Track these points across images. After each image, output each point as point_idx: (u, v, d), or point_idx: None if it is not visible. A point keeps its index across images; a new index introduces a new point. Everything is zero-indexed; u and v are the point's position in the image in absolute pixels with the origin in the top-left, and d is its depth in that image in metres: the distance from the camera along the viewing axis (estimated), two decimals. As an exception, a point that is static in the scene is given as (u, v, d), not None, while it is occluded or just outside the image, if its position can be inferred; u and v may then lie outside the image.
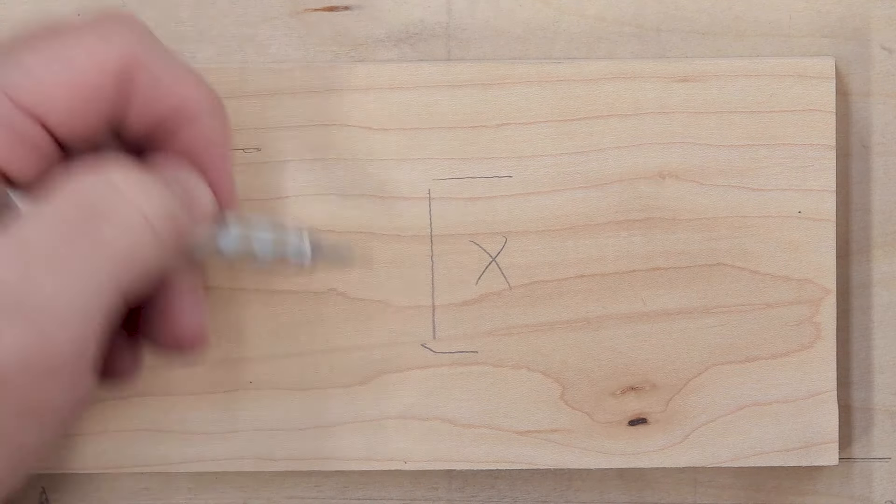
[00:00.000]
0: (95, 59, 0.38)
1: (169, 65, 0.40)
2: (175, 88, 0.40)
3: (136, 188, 0.38)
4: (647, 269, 0.47)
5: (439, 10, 0.48)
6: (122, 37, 0.39)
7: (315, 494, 0.49)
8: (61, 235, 0.37)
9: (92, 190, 0.38)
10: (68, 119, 0.38)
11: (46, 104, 0.38)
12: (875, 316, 0.48)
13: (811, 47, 0.48)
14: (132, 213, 0.38)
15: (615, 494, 0.49)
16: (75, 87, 0.38)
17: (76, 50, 0.38)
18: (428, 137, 0.46)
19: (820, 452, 0.47)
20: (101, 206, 0.37)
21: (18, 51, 0.38)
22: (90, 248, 0.37)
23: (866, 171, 0.48)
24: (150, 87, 0.39)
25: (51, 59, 0.38)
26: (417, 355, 0.47)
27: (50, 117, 0.38)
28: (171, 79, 0.40)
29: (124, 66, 0.39)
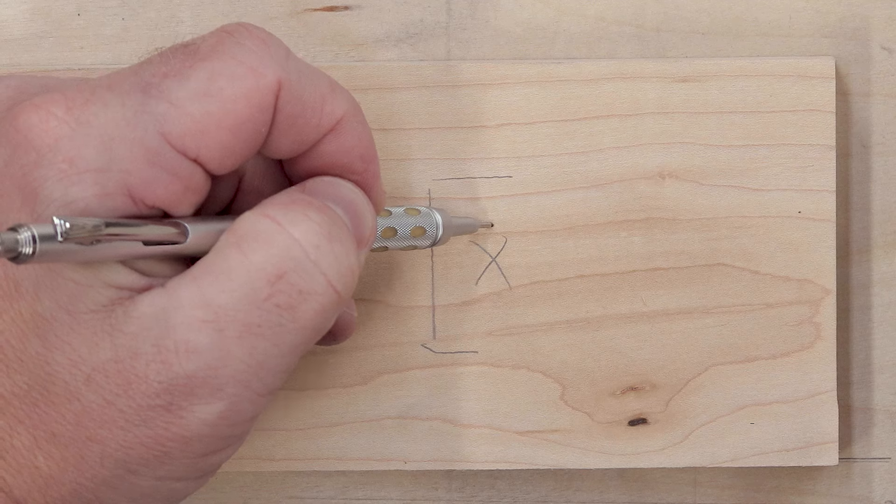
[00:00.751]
0: (246, 91, 0.37)
1: (309, 81, 0.38)
2: (318, 105, 0.38)
3: (325, 252, 0.37)
4: (647, 269, 0.47)
5: (439, 10, 0.48)
6: (268, 62, 0.37)
7: (315, 494, 0.49)
8: (253, 304, 0.36)
9: (283, 255, 0.36)
10: (220, 154, 0.37)
11: (202, 142, 0.36)
12: (875, 316, 0.48)
13: (811, 47, 0.48)
14: (322, 283, 0.37)
15: (615, 494, 0.49)
16: (228, 122, 0.36)
17: (227, 83, 0.36)
18: (428, 137, 0.46)
19: (820, 452, 0.47)
20: (294, 277, 0.36)
21: (166, 83, 0.36)
22: (282, 322, 0.37)
23: (866, 171, 0.48)
24: (295, 107, 0.38)
25: (201, 94, 0.36)
26: (417, 355, 0.47)
27: (203, 154, 0.37)
28: (314, 95, 0.38)
29: (274, 94, 0.37)
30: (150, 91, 0.36)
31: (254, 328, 0.36)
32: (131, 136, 0.36)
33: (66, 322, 0.36)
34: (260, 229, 0.37)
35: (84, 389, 0.36)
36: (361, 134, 0.40)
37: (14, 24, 0.48)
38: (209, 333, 0.36)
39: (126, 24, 0.48)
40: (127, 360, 0.36)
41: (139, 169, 0.36)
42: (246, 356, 0.36)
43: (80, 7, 0.48)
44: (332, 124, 0.39)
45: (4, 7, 0.48)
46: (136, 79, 0.37)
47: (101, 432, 0.36)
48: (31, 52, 0.48)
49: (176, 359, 0.36)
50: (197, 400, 0.36)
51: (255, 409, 0.38)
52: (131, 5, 0.47)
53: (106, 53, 0.48)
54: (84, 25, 0.48)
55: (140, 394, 0.36)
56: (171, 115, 0.36)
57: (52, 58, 0.47)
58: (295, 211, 0.37)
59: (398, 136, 0.46)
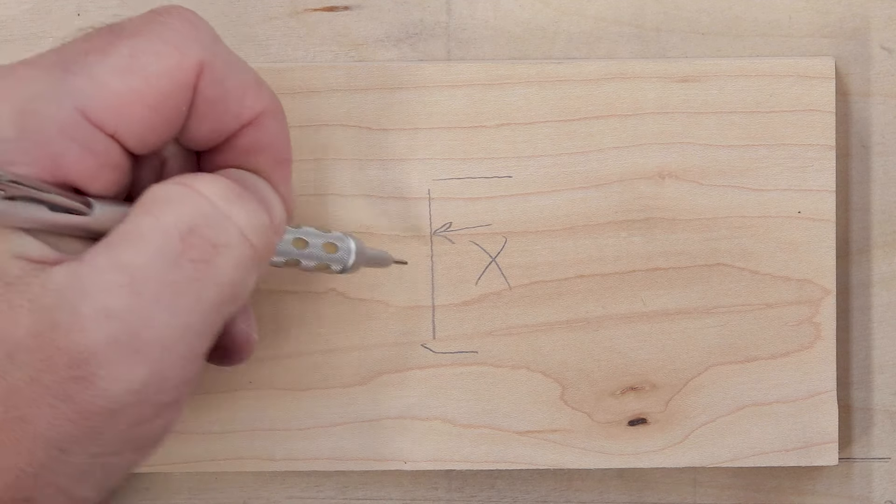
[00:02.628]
0: (168, 69, 0.37)
1: (233, 68, 0.38)
2: (240, 94, 0.38)
3: (234, 205, 0.37)
4: (646, 269, 0.47)
5: (439, 10, 0.48)
6: (193, 42, 0.37)
7: (315, 494, 0.49)
8: (168, 261, 0.36)
9: (194, 210, 0.36)
10: (141, 131, 0.37)
11: (120, 119, 0.36)
12: (875, 316, 0.48)
13: (811, 47, 0.48)
14: (235, 234, 0.37)
15: (615, 494, 0.49)
16: (149, 99, 0.36)
17: (149, 59, 0.36)
18: (428, 137, 0.46)
19: (820, 452, 0.47)
20: (206, 230, 0.36)
21: (87, 59, 0.36)
22: (199, 276, 0.36)
23: (866, 171, 0.48)
24: (216, 92, 0.38)
25: (123, 70, 0.36)
26: (417, 355, 0.47)
27: (123, 131, 0.37)
28: (236, 83, 0.38)
29: (196, 74, 0.37)
30: (70, 67, 0.36)
31: (171, 286, 0.36)
32: (46, 110, 0.36)
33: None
34: (169, 193, 0.37)
35: (9, 367, 0.35)
36: (279, 134, 0.40)
37: (14, 24, 0.47)
38: (126, 296, 0.35)
39: (126, 24, 0.48)
40: (46, 332, 0.35)
41: (51, 142, 0.36)
42: (166, 316, 0.36)
43: (80, 7, 0.47)
44: (252, 117, 0.39)
45: (4, 7, 0.48)
46: (58, 56, 0.37)
47: (31, 411, 0.36)
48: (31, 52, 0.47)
49: (94, 324, 0.35)
50: (118, 368, 0.35)
51: (183, 373, 0.37)
52: (131, 5, 0.47)
53: (106, 53, 0.47)
54: (84, 25, 0.48)
55: (61, 366, 0.35)
56: (90, 90, 0.36)
57: (51, 58, 0.47)
58: (203, 177, 0.37)
59: (398, 136, 0.46)
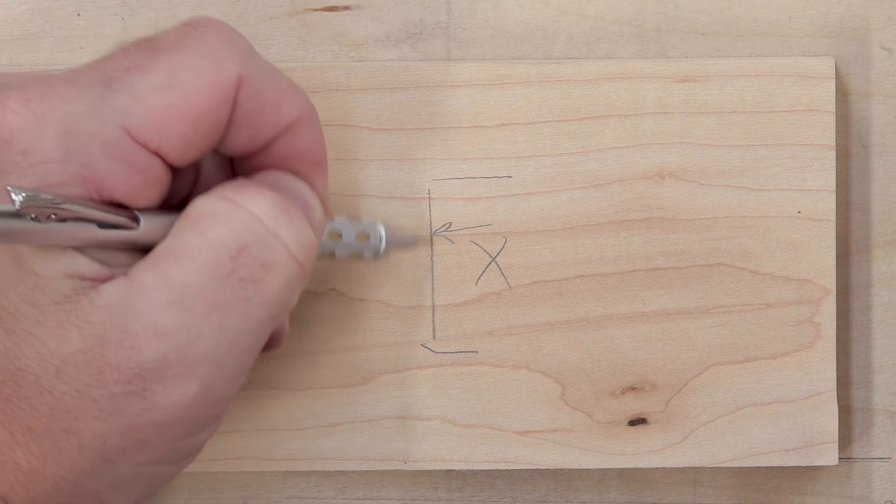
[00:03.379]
0: (207, 84, 0.37)
1: (270, 79, 0.38)
2: (277, 103, 0.39)
3: (283, 224, 0.37)
4: (646, 269, 0.47)
5: (439, 10, 0.48)
6: (230, 57, 0.37)
7: (315, 494, 0.49)
8: (217, 280, 0.36)
9: (243, 230, 0.37)
10: (181, 146, 0.37)
11: (162, 135, 0.36)
12: (875, 316, 0.48)
13: (811, 47, 0.48)
14: (283, 254, 0.37)
15: (615, 494, 0.49)
16: (190, 115, 0.37)
17: (189, 76, 0.36)
18: (428, 137, 0.46)
19: (820, 452, 0.47)
20: (255, 250, 0.37)
21: (127, 76, 0.36)
22: (248, 295, 0.37)
23: (866, 171, 0.48)
24: (254, 103, 0.38)
25: (164, 87, 0.36)
26: (417, 355, 0.47)
27: (165, 147, 0.37)
28: (273, 94, 0.38)
29: (234, 88, 0.37)
30: (112, 84, 0.36)
31: (221, 305, 0.36)
32: (90, 129, 0.36)
33: (32, 315, 0.36)
34: (216, 209, 0.37)
35: (55, 382, 0.36)
36: (315, 139, 0.40)
37: (14, 24, 0.48)
38: (176, 314, 0.36)
39: (126, 24, 0.48)
40: (96, 349, 0.36)
41: (97, 161, 0.36)
42: (215, 334, 0.36)
43: (79, 7, 0.47)
44: (289, 124, 0.39)
45: (4, 7, 0.48)
46: (97, 73, 0.37)
47: (77, 423, 0.36)
48: (31, 52, 0.48)
49: (145, 342, 0.36)
50: (170, 383, 0.36)
51: (229, 388, 0.38)
52: (131, 5, 0.47)
53: (106, 53, 0.48)
54: (84, 25, 0.48)
55: (112, 382, 0.36)
56: (132, 107, 0.36)
57: (52, 58, 0.47)
58: (249, 190, 0.38)
59: (398, 136, 0.46)
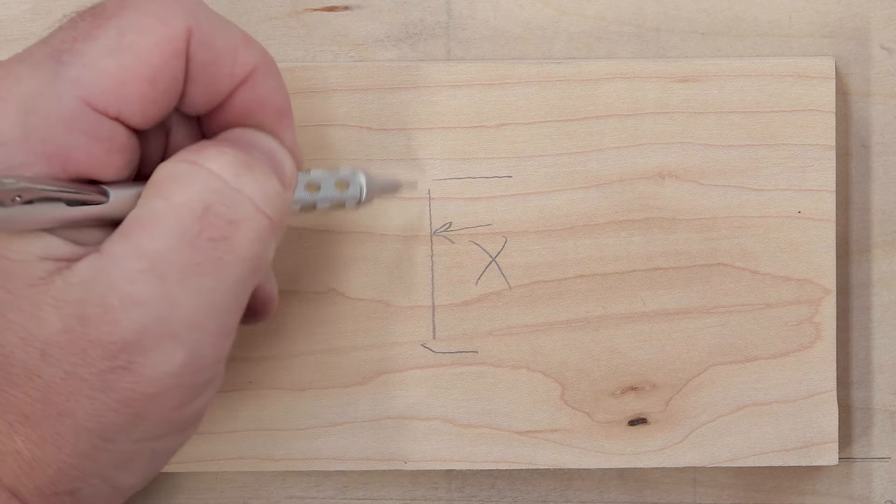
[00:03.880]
0: (157, 41, 0.37)
1: (220, 28, 0.38)
2: (230, 53, 0.38)
3: (245, 179, 0.37)
4: (646, 269, 0.47)
5: (439, 10, 0.48)
6: (176, 11, 0.37)
7: (315, 494, 0.49)
8: (186, 243, 0.36)
9: (205, 190, 0.36)
10: (141, 108, 0.37)
11: (121, 99, 0.36)
12: (875, 316, 0.48)
13: (811, 47, 0.48)
14: (249, 208, 0.37)
15: (615, 494, 0.49)
16: (145, 74, 0.36)
17: (137, 36, 0.36)
18: (428, 137, 0.46)
19: (820, 452, 0.47)
20: (221, 209, 0.36)
21: (77, 46, 0.36)
22: (220, 254, 0.36)
23: (866, 171, 0.48)
24: (207, 55, 0.38)
25: (115, 51, 0.36)
26: (417, 355, 0.47)
27: (125, 111, 0.36)
28: (225, 43, 0.38)
29: (185, 41, 0.37)
30: (62, 57, 0.36)
31: (193, 267, 0.36)
32: (47, 105, 0.36)
33: (8, 301, 0.36)
34: (177, 172, 0.37)
35: (42, 365, 0.36)
36: (275, 87, 0.40)
37: (14, 24, 0.47)
38: (150, 282, 0.36)
39: (126, 24, 0.47)
40: (77, 327, 0.36)
41: (58, 136, 0.36)
42: (193, 297, 0.36)
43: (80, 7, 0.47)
44: (245, 74, 0.39)
45: (4, 7, 0.48)
46: (47, 48, 0.37)
47: (69, 405, 0.36)
48: (31, 52, 0.47)
49: (123, 314, 0.36)
50: (154, 353, 0.36)
51: (217, 351, 0.37)
52: (131, 5, 0.47)
53: (106, 53, 0.47)
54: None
55: (97, 358, 0.36)
56: (86, 76, 0.36)
57: (51, 58, 0.47)
58: (209, 149, 0.37)
59: (398, 136, 0.46)
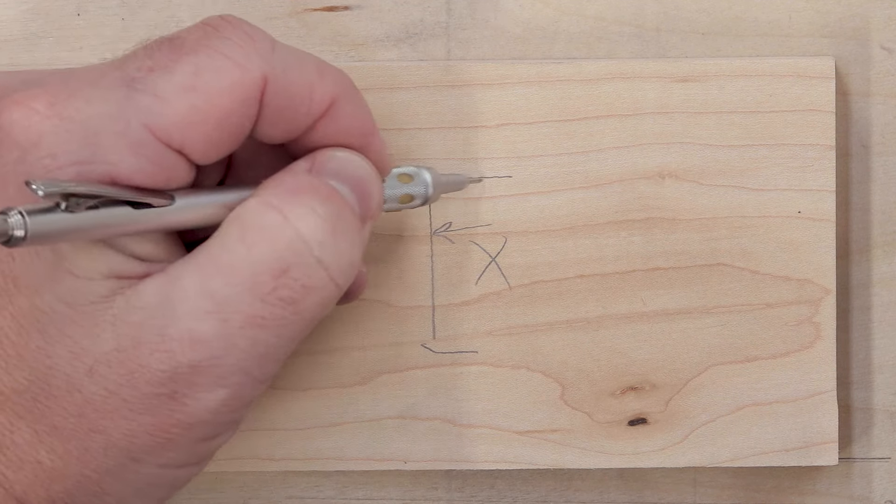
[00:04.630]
0: (230, 86, 0.37)
1: (296, 71, 0.38)
2: (307, 94, 0.38)
3: (328, 248, 0.37)
4: (646, 269, 0.47)
5: (439, 10, 0.48)
6: (253, 57, 0.37)
7: (315, 494, 0.49)
8: (258, 298, 0.36)
9: (288, 251, 0.37)
10: (204, 147, 0.37)
11: (186, 135, 0.36)
12: (875, 316, 0.48)
13: (811, 47, 0.48)
14: (324, 278, 0.37)
15: (615, 494, 0.49)
16: (214, 116, 0.37)
17: (212, 77, 0.36)
18: (428, 137, 0.46)
19: (820, 452, 0.47)
20: (297, 272, 0.37)
21: (151, 76, 0.36)
22: (286, 314, 0.37)
23: (866, 171, 0.48)
24: (282, 100, 0.38)
25: (188, 88, 0.36)
26: (417, 355, 0.47)
27: (188, 146, 0.37)
28: (301, 85, 0.38)
29: (260, 88, 0.37)
30: (135, 85, 0.36)
31: (257, 319, 0.37)
32: (114, 129, 0.36)
33: (67, 315, 0.36)
34: (265, 222, 0.37)
35: (86, 381, 0.36)
36: (356, 112, 0.40)
37: (14, 24, 0.48)
38: (214, 324, 0.36)
39: (126, 24, 0.48)
40: (130, 349, 0.36)
41: (123, 160, 0.36)
42: (248, 346, 0.37)
43: (79, 7, 0.47)
44: (324, 109, 0.39)
45: (4, 7, 0.48)
46: (121, 73, 0.37)
47: (104, 422, 0.37)
48: (31, 52, 0.48)
49: (180, 348, 0.36)
50: (200, 388, 0.37)
51: (255, 394, 0.38)
52: (131, 5, 0.47)
53: (106, 53, 0.48)
54: (84, 25, 0.48)
55: (143, 382, 0.36)
56: (156, 108, 0.36)
57: (52, 58, 0.47)
58: (301, 204, 0.37)
59: (398, 136, 0.46)
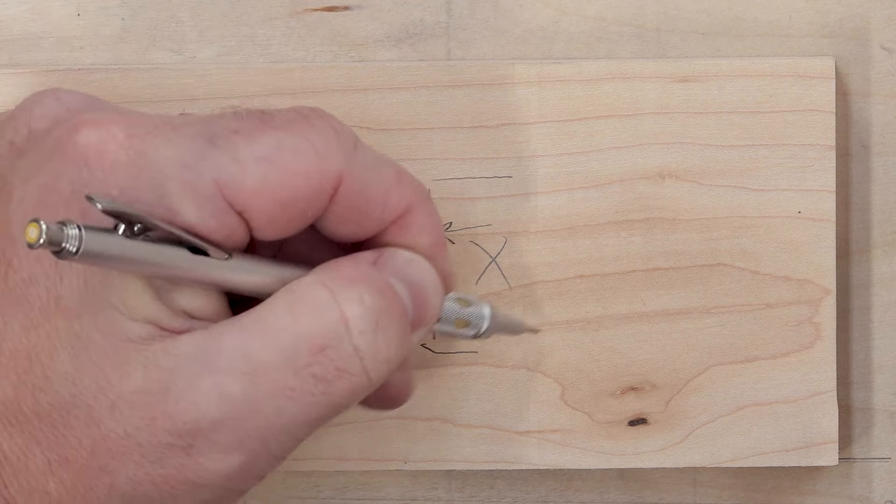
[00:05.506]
0: (307, 171, 0.37)
1: (374, 175, 0.38)
2: (381, 199, 0.38)
3: (367, 338, 0.37)
4: (646, 269, 0.47)
5: (439, 10, 0.48)
6: (334, 151, 0.37)
7: (315, 494, 0.49)
8: (292, 370, 0.36)
9: (330, 332, 0.37)
10: (265, 222, 0.37)
11: (252, 204, 0.36)
12: (875, 316, 0.48)
13: (811, 47, 0.48)
14: (357, 366, 0.37)
15: (615, 494, 0.49)
16: (282, 194, 0.37)
17: (290, 155, 0.37)
18: (428, 137, 0.46)
19: (820, 452, 0.47)
20: (333, 354, 0.37)
21: (233, 138, 0.37)
22: (315, 391, 0.37)
23: (866, 171, 0.48)
24: (357, 201, 0.38)
25: (265, 159, 0.36)
26: (417, 355, 0.47)
27: (250, 215, 0.37)
28: (377, 190, 0.38)
29: (333, 184, 0.37)
30: (216, 141, 0.36)
31: (287, 391, 0.36)
32: (185, 178, 0.36)
33: (102, 345, 0.36)
34: (315, 297, 0.37)
35: (106, 417, 0.36)
36: (429, 224, 0.40)
37: (14, 24, 0.47)
38: (244, 384, 0.36)
39: (126, 24, 0.48)
40: (157, 393, 0.36)
41: (186, 210, 0.36)
42: (273, 415, 0.36)
43: (79, 7, 0.47)
44: (396, 216, 0.39)
45: (4, 7, 0.48)
46: (205, 127, 0.37)
47: (114, 464, 0.36)
48: (31, 52, 0.48)
49: (206, 401, 0.36)
50: (217, 448, 0.36)
51: (267, 469, 0.38)
52: (131, 5, 0.47)
53: (106, 53, 0.48)
54: (84, 25, 0.48)
55: (162, 430, 0.36)
56: (230, 169, 0.36)
57: (51, 58, 0.47)
58: (353, 289, 0.37)
59: (398, 136, 0.46)
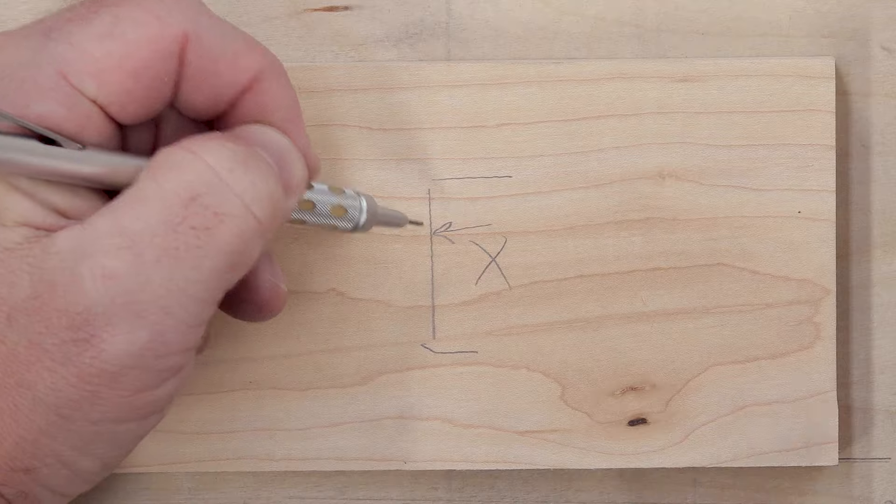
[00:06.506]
0: (150, 39, 0.37)
1: (222, 36, 0.38)
2: (231, 60, 0.38)
3: (238, 175, 0.37)
4: (646, 269, 0.47)
5: (439, 10, 0.48)
6: (175, 13, 0.37)
7: (315, 494, 0.49)
8: (169, 227, 0.36)
9: (197, 180, 0.36)
10: (122, 99, 0.37)
11: (101, 84, 0.37)
12: (875, 316, 0.48)
13: (811, 47, 0.48)
14: (237, 205, 0.37)
15: (615, 494, 0.49)
16: (128, 65, 0.37)
17: (130, 27, 0.37)
18: (428, 137, 0.46)
19: (820, 452, 0.47)
20: (208, 199, 0.36)
21: (68, 26, 0.37)
22: (200, 243, 0.36)
23: (866, 171, 0.48)
24: (205, 61, 0.38)
25: (103, 36, 0.37)
26: (417, 355, 0.47)
27: (104, 97, 0.37)
28: (226, 50, 0.38)
29: (179, 44, 0.37)
30: (51, 34, 0.37)
31: (171, 251, 0.36)
32: (26, 75, 0.36)
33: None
34: (175, 159, 0.37)
35: (7, 331, 0.36)
36: (281, 92, 0.40)
37: (14, 24, 0.47)
38: (125, 258, 0.36)
39: (126, 24, 0.47)
40: (45, 294, 0.36)
41: (33, 104, 0.36)
42: (165, 280, 0.36)
43: (80, 7, 0.47)
44: (248, 81, 0.39)
45: (4, 7, 0.48)
46: (40, 25, 0.37)
47: (29, 376, 0.36)
48: (31, 52, 0.47)
49: (92, 285, 0.35)
50: (117, 329, 0.36)
51: (183, 339, 0.37)
52: (131, 5, 0.47)
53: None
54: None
55: (60, 328, 0.36)
56: (70, 54, 0.36)
57: (52, 58, 0.47)
58: (212, 141, 0.37)
59: (398, 136, 0.46)
